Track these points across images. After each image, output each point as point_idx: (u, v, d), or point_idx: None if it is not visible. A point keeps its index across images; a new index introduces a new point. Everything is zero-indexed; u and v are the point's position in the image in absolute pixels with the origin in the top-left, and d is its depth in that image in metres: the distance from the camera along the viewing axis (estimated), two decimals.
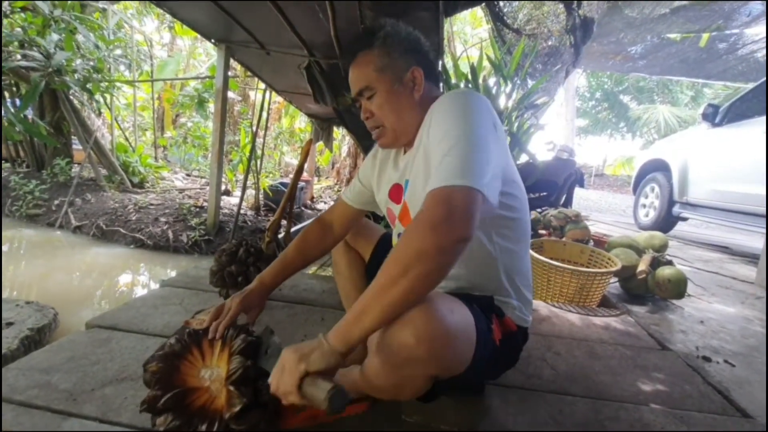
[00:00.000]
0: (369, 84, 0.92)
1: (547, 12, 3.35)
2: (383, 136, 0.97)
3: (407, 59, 0.92)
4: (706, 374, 1.37)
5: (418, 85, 0.93)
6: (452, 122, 0.77)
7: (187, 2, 2.72)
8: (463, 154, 0.71)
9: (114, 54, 6.20)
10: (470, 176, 0.68)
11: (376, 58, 0.91)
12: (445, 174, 0.69)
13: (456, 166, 0.70)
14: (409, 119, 0.94)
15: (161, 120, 10.99)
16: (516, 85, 2.75)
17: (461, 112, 0.79)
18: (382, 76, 0.91)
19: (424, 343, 0.67)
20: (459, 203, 0.67)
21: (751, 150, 3.42)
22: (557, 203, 3.91)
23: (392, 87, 0.91)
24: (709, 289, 2.46)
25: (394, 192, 1.03)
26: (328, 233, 1.16)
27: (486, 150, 0.74)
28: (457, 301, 0.77)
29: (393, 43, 0.92)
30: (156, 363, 0.80)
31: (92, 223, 4.65)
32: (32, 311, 2.11)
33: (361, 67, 0.93)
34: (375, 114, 0.94)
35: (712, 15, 4.08)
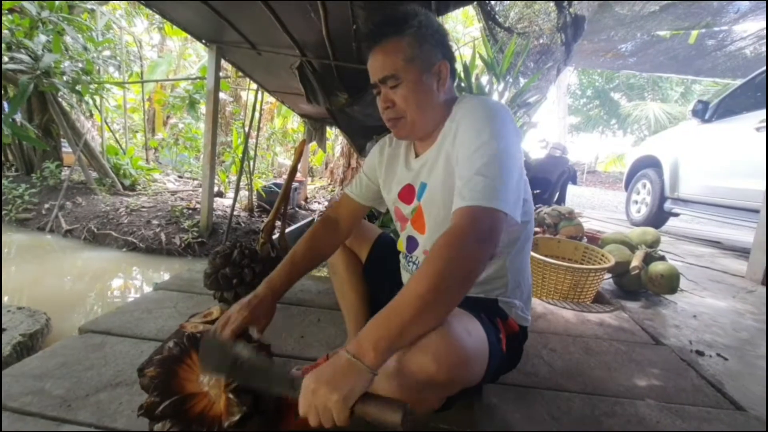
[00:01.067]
0: (396, 72, 0.87)
1: (538, 10, 3.37)
2: (401, 128, 0.93)
3: (436, 52, 0.89)
4: (700, 368, 1.38)
5: (443, 80, 0.91)
6: (484, 137, 0.78)
7: (177, 3, 2.69)
8: (494, 175, 0.74)
9: (103, 55, 6.12)
10: (500, 199, 0.72)
11: (406, 47, 0.87)
12: (477, 194, 0.72)
13: (487, 187, 0.72)
14: (431, 114, 0.91)
15: (152, 122, 10.89)
16: (508, 83, 2.76)
17: (492, 127, 0.79)
18: (411, 67, 0.87)
19: (445, 370, 0.67)
20: (489, 225, 0.71)
21: (741, 145, 3.47)
22: (551, 200, 3.94)
23: (420, 79, 0.88)
24: (701, 284, 2.49)
25: (404, 192, 1.02)
26: (335, 231, 1.11)
27: (514, 170, 0.77)
28: (471, 318, 0.77)
29: (426, 34, 0.88)
30: (154, 368, 0.79)
31: (83, 227, 4.59)
32: (24, 317, 2.08)
33: (389, 53, 0.88)
34: (397, 104, 0.90)
35: (701, 12, 4.12)
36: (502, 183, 0.73)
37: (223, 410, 0.77)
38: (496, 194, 0.72)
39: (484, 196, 0.71)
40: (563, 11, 3.13)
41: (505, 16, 3.35)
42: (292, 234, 4.41)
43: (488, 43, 2.93)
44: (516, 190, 0.76)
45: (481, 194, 0.72)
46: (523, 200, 0.89)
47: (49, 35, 4.74)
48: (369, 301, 1.20)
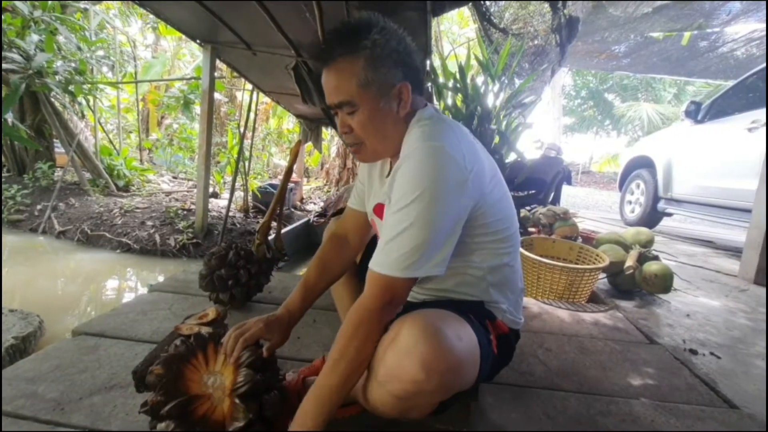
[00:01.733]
0: (351, 99, 0.81)
1: (533, 12, 3.39)
2: (362, 153, 0.90)
3: (395, 73, 0.82)
4: (693, 367, 1.39)
5: (404, 102, 0.84)
6: (408, 197, 0.74)
7: (171, 3, 2.68)
8: (410, 243, 0.74)
9: (96, 55, 6.08)
10: (416, 268, 0.74)
11: (360, 71, 0.79)
12: (391, 263, 0.75)
13: (401, 257, 0.74)
14: (392, 136, 0.87)
15: (146, 122, 10.82)
16: (503, 84, 2.77)
17: (423, 184, 0.73)
18: (366, 92, 0.81)
19: (436, 377, 0.67)
20: (399, 290, 0.77)
21: (733, 146, 3.51)
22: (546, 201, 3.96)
23: (377, 105, 0.82)
24: (694, 283, 2.51)
25: (378, 209, 1.01)
26: (345, 247, 1.10)
27: (441, 232, 0.75)
28: (460, 321, 0.77)
29: (381, 55, 0.80)
30: (161, 366, 0.78)
31: (76, 228, 4.55)
32: (17, 319, 2.06)
33: (342, 76, 0.81)
34: (355, 131, 0.85)
35: (693, 14, 4.16)
36: (419, 251, 0.73)
37: (227, 414, 0.76)
38: (409, 264, 0.74)
39: (397, 265, 0.74)
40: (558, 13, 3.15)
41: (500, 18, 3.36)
42: (288, 235, 4.40)
43: (483, 44, 2.94)
44: (440, 249, 0.76)
45: (394, 263, 0.74)
46: (498, 203, 0.88)
47: (42, 35, 4.70)
48: None
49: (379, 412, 0.80)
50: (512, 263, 0.95)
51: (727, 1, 3.75)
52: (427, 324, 0.70)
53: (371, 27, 0.81)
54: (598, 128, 17.82)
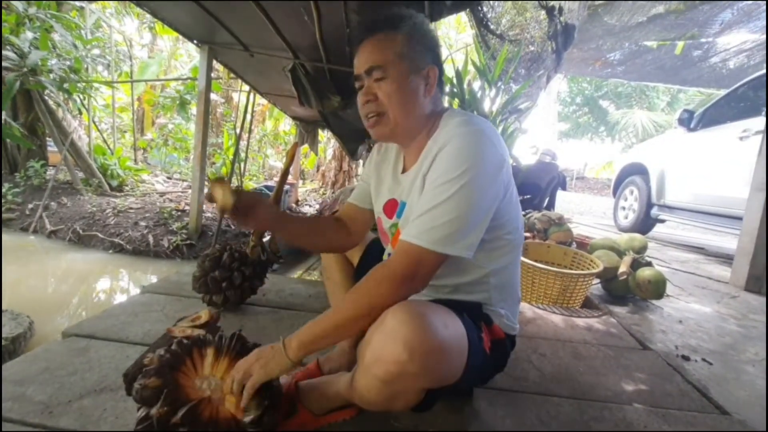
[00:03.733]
0: (384, 64, 0.84)
1: (530, 18, 3.41)
2: (381, 125, 0.88)
3: (427, 56, 0.87)
4: (686, 373, 1.40)
5: (431, 85, 0.87)
6: (454, 173, 0.76)
7: (168, 3, 2.67)
8: (448, 216, 0.75)
9: (92, 54, 6.04)
10: (447, 243, 0.75)
11: (399, 43, 0.84)
12: (423, 234, 0.75)
13: (435, 228, 0.74)
14: (414, 118, 0.88)
15: (141, 122, 10.76)
16: (500, 89, 2.79)
17: (466, 163, 0.76)
18: (400, 62, 0.84)
19: (418, 359, 0.67)
20: (426, 267, 0.76)
21: (725, 154, 3.55)
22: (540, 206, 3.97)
23: (407, 77, 0.84)
24: (686, 289, 2.53)
25: (388, 206, 1.00)
26: (343, 228, 1.10)
27: (477, 212, 0.77)
28: (450, 313, 0.77)
29: (419, 36, 0.86)
30: (155, 377, 0.77)
31: (68, 228, 4.50)
32: (6, 320, 2.03)
33: (380, 44, 0.85)
34: (379, 99, 0.86)
35: (687, 24, 4.22)
36: (452, 225, 0.74)
37: (235, 411, 0.77)
38: (439, 237, 0.74)
39: (426, 237, 0.75)
40: (554, 20, 3.18)
41: (497, 23, 3.38)
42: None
43: (480, 49, 2.96)
44: (470, 229, 0.77)
45: (426, 235, 0.75)
46: (509, 203, 0.88)
47: (37, 32, 4.66)
48: None
49: (365, 403, 0.80)
50: (515, 267, 0.96)
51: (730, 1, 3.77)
52: (413, 309, 0.71)
53: (412, 15, 0.88)
54: (592, 134, 17.97)
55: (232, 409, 0.77)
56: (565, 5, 3.23)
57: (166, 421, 0.73)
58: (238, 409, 0.77)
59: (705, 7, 3.92)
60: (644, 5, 3.93)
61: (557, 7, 3.18)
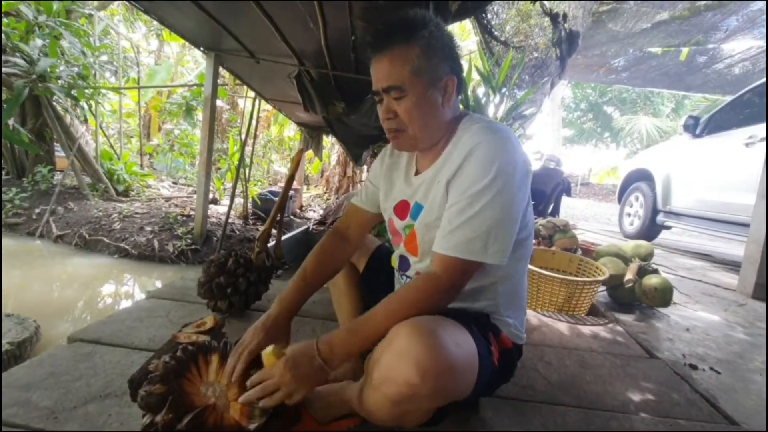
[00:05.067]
0: (402, 84, 0.82)
1: (534, 25, 3.42)
2: (401, 140, 0.89)
3: (445, 66, 0.84)
4: (694, 382, 1.38)
5: (449, 95, 0.86)
6: (484, 181, 0.77)
7: (176, 10, 2.70)
8: (481, 227, 0.76)
9: (100, 60, 6.12)
10: (486, 252, 0.77)
11: (415, 57, 0.81)
12: (460, 246, 0.77)
13: (472, 239, 0.77)
14: (433, 130, 0.88)
15: (147, 127, 10.85)
16: (504, 95, 2.79)
17: (495, 171, 0.77)
18: (417, 80, 0.82)
19: (430, 380, 0.66)
20: (468, 275, 0.80)
21: (731, 161, 3.53)
22: (545, 212, 3.96)
23: (426, 93, 0.83)
24: (693, 297, 2.51)
25: (399, 207, 1.00)
26: (345, 243, 1.09)
27: (510, 218, 0.79)
28: (460, 328, 0.77)
29: (436, 46, 0.83)
30: (160, 384, 0.77)
31: (74, 233, 4.53)
32: (13, 324, 2.04)
33: (396, 62, 0.82)
34: (399, 117, 0.85)
35: (691, 30, 4.22)
36: (488, 234, 0.76)
37: (240, 418, 0.77)
38: (477, 247, 0.77)
39: (466, 248, 0.77)
40: (558, 27, 3.19)
41: (501, 30, 3.40)
42: (287, 242, 4.39)
43: (485, 56, 2.97)
44: (506, 236, 0.78)
45: (464, 246, 0.77)
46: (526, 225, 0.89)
47: (46, 39, 4.73)
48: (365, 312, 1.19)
49: (374, 419, 0.79)
50: (523, 275, 0.96)
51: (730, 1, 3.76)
52: (424, 328, 0.70)
53: (428, 21, 0.84)
54: (597, 140, 17.95)
55: (237, 416, 0.78)
56: (569, 12, 3.24)
57: (171, 428, 0.73)
58: (242, 416, 0.77)
59: (709, 14, 3.92)
60: (648, 12, 3.94)
61: (561, 14, 3.19)
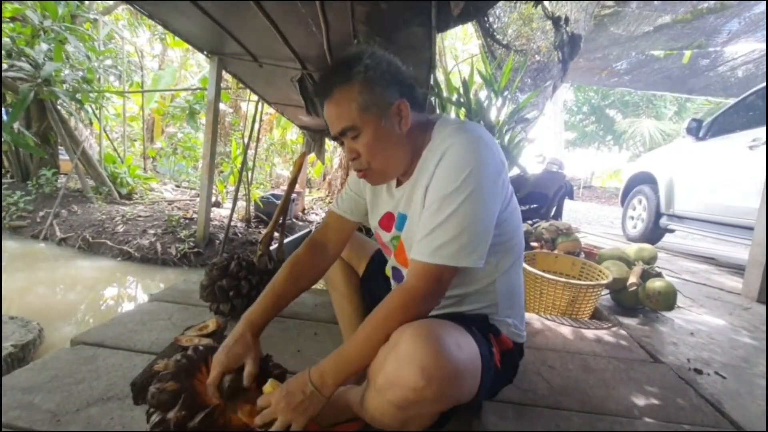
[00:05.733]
0: (353, 124, 0.83)
1: (536, 29, 3.43)
2: (372, 178, 0.91)
3: (391, 92, 0.84)
4: (699, 387, 1.37)
5: (404, 119, 0.85)
6: (454, 184, 0.76)
7: (180, 14, 2.72)
8: (455, 230, 0.76)
9: (104, 65, 6.16)
10: (461, 256, 0.76)
11: (357, 95, 0.81)
12: (435, 251, 0.76)
13: (445, 244, 0.76)
14: (398, 156, 0.88)
15: (151, 130, 10.91)
16: (506, 99, 2.80)
17: (465, 173, 0.76)
18: (366, 115, 0.82)
19: (435, 384, 0.66)
20: (445, 282, 0.78)
21: (735, 163, 3.52)
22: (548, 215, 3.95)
23: (378, 125, 0.83)
24: (697, 301, 2.49)
25: (385, 220, 1.00)
26: (322, 255, 1.06)
27: (484, 220, 0.78)
28: (461, 331, 0.77)
29: (375, 77, 0.82)
30: (173, 381, 0.78)
31: (78, 235, 4.55)
32: (16, 327, 2.05)
33: (341, 104, 0.83)
34: (361, 155, 0.86)
35: (694, 33, 4.21)
36: (462, 238, 0.76)
37: (247, 418, 0.78)
38: (452, 251, 0.76)
39: (441, 254, 0.76)
40: (560, 30, 3.19)
41: (503, 34, 3.40)
42: (289, 246, 4.39)
43: (487, 59, 2.97)
44: (481, 238, 0.78)
45: (439, 252, 0.76)
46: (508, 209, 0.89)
47: (51, 44, 4.77)
48: (366, 315, 1.19)
49: (377, 424, 0.79)
50: (518, 273, 0.97)
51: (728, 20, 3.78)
52: (428, 332, 0.70)
53: (361, 56, 0.84)
54: (599, 143, 17.91)
55: (245, 418, 0.79)
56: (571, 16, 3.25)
57: (183, 425, 0.74)
58: (250, 417, 0.78)
59: (712, 17, 3.92)
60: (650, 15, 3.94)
61: (563, 17, 3.20)
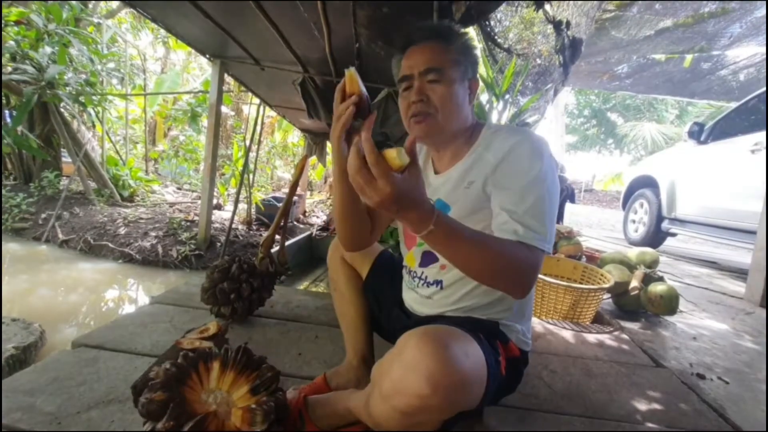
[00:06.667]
0: (443, 67, 0.88)
1: (537, 32, 3.44)
2: (427, 125, 0.90)
3: (472, 69, 0.95)
4: (701, 392, 1.37)
5: (473, 95, 0.95)
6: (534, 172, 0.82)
7: (183, 18, 2.74)
8: (542, 217, 0.80)
9: (107, 68, 6.20)
10: (546, 241, 0.80)
11: (453, 52, 0.91)
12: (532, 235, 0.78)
13: (539, 230, 0.79)
14: (458, 122, 0.92)
15: (153, 133, 10.95)
16: (508, 102, 2.80)
17: (540, 165, 0.82)
18: (455, 68, 0.90)
19: (441, 392, 0.66)
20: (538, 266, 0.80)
21: (737, 167, 3.51)
22: None
23: (458, 84, 0.91)
24: (700, 305, 2.48)
25: None
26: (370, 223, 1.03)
27: (555, 208, 0.83)
28: (469, 339, 0.77)
29: (468, 50, 0.94)
30: (161, 391, 0.77)
31: (80, 237, 4.56)
32: (18, 329, 2.05)
33: (439, 49, 0.90)
34: (431, 100, 0.89)
35: (695, 37, 4.22)
36: (546, 225, 0.80)
37: (241, 424, 0.77)
38: (544, 237, 0.79)
39: (537, 238, 0.79)
40: (561, 34, 3.20)
41: (504, 38, 3.41)
42: (290, 248, 4.39)
43: (488, 63, 2.98)
44: (553, 226, 0.82)
45: (534, 235, 0.78)
46: None
47: (55, 47, 4.80)
48: (368, 318, 1.19)
49: (382, 429, 0.79)
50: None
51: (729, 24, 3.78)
52: (435, 339, 0.69)
53: (462, 32, 0.96)
54: (600, 147, 17.91)
55: (238, 423, 0.77)
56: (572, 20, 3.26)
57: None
58: (244, 422, 0.77)
59: (713, 21, 3.92)
60: (651, 19, 3.94)
61: (564, 21, 3.21)
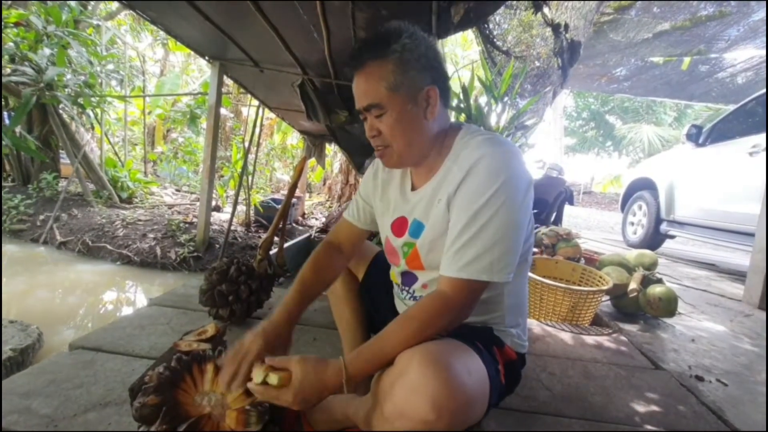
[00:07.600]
0: (380, 102, 0.81)
1: (536, 35, 3.45)
2: (387, 157, 0.88)
3: (424, 77, 0.82)
4: (700, 394, 1.36)
5: (432, 107, 0.84)
6: (485, 196, 0.76)
7: (182, 20, 2.74)
8: (486, 244, 0.76)
9: (106, 69, 6.19)
10: (494, 270, 0.76)
11: (389, 74, 0.80)
12: (467, 267, 0.76)
13: (477, 259, 0.76)
14: (419, 144, 0.86)
15: (152, 135, 10.94)
16: (506, 105, 2.80)
17: (497, 185, 0.76)
18: (395, 96, 0.81)
19: (446, 417, 0.64)
20: (478, 295, 0.79)
21: (735, 170, 3.52)
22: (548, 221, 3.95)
23: (405, 108, 0.82)
24: (698, 307, 2.48)
25: (397, 224, 0.97)
26: (338, 255, 1.08)
27: (514, 234, 0.77)
28: (470, 353, 0.76)
29: (410, 59, 0.80)
30: (154, 395, 0.77)
31: (78, 239, 4.55)
32: (16, 331, 2.04)
33: (371, 80, 0.82)
34: (383, 133, 0.85)
35: (693, 40, 4.24)
36: (494, 252, 0.75)
37: (236, 426, 0.77)
38: (485, 266, 0.75)
39: (473, 269, 0.76)
40: (560, 36, 3.21)
41: (503, 40, 3.42)
42: (289, 250, 4.39)
43: (487, 65, 2.98)
44: (512, 251, 0.78)
45: (471, 267, 0.76)
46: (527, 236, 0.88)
47: (54, 49, 4.80)
48: (365, 320, 1.19)
49: None
50: (525, 283, 0.96)
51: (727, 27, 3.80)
52: (436, 359, 0.67)
53: (401, 33, 0.82)
54: (599, 149, 17.94)
55: (233, 425, 0.77)
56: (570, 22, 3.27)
57: None
58: (238, 423, 0.76)
59: (711, 24, 3.94)
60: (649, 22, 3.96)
61: (563, 24, 3.22)
